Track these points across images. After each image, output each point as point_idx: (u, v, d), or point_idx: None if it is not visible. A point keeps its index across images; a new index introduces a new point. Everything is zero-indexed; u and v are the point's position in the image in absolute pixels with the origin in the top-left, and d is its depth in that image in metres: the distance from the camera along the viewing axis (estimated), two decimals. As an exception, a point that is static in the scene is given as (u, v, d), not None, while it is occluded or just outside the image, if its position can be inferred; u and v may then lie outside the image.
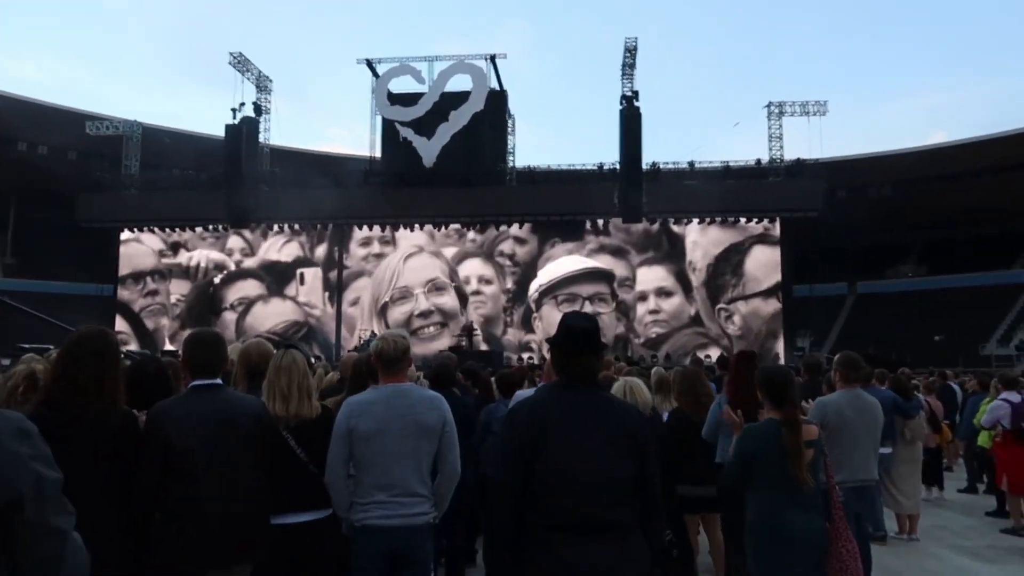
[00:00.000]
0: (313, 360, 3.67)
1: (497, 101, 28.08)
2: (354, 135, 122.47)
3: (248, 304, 29.03)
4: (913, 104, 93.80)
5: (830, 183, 27.77)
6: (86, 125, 30.71)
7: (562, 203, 26.80)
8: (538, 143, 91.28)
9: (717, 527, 5.12)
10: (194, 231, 29.42)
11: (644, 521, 2.52)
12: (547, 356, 4.83)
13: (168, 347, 25.33)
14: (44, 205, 32.84)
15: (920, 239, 38.59)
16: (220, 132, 29.05)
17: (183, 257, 29.62)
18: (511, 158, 29.02)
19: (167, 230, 29.42)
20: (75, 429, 2.46)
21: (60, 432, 2.25)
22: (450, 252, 28.44)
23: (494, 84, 28.18)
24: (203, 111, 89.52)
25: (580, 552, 2.38)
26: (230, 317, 28.80)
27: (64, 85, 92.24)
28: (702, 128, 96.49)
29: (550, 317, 26.53)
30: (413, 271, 28.28)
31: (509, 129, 29.16)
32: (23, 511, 1.28)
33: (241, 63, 28.76)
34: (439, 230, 28.32)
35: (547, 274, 27.74)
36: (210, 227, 29.19)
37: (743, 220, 27.03)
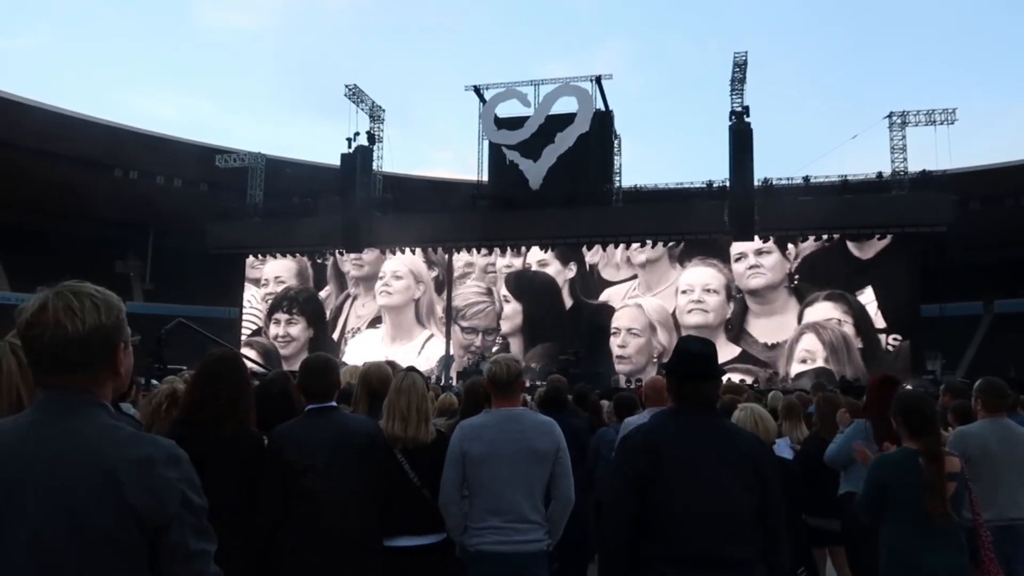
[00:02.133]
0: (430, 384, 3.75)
1: (603, 121, 28.02)
2: (462, 160, 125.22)
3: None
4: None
5: (961, 195, 26.02)
6: (216, 158, 32.86)
7: (671, 222, 26.33)
8: (645, 162, 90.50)
9: (845, 563, 4.83)
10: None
11: (768, 557, 2.40)
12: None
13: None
14: (178, 234, 35.29)
15: (1064, 253, 35.54)
16: (336, 161, 30.37)
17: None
18: (617, 178, 28.85)
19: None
20: (210, 449, 2.58)
21: (196, 452, 2.36)
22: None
23: (599, 105, 28.18)
24: (321, 141, 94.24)
25: None
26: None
27: (192, 120, 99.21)
28: (818, 142, 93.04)
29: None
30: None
31: (615, 149, 29.02)
32: (168, 534, 1.33)
33: (355, 94, 30.01)
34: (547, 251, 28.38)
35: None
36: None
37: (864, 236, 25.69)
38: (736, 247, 26.44)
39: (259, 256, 31.21)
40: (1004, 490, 4.14)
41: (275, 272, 31.31)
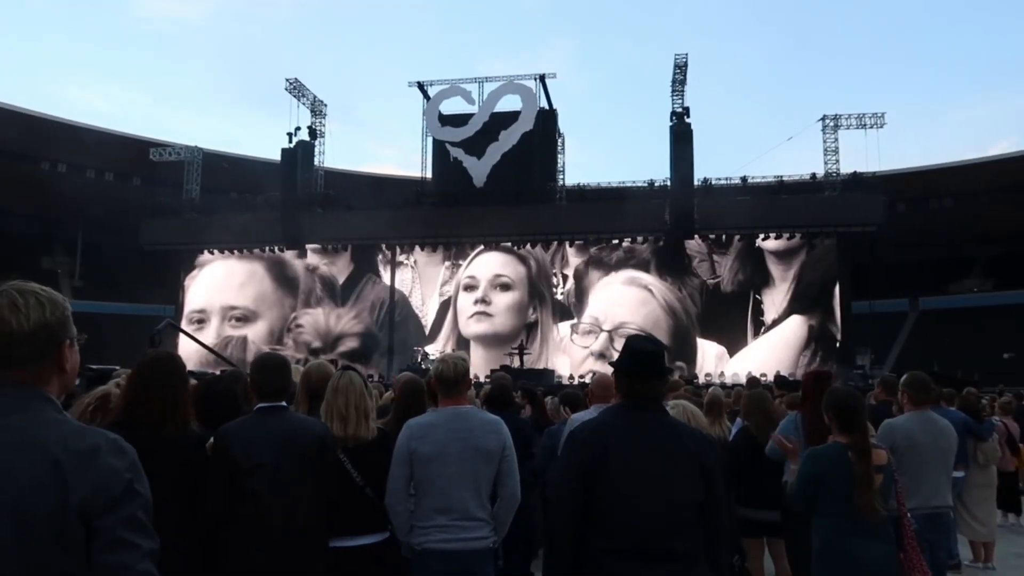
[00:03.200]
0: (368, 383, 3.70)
1: (547, 120, 28.21)
2: (406, 156, 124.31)
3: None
4: (976, 113, 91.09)
5: (889, 196, 27.05)
6: (150, 152, 31.84)
7: (612, 221, 26.66)
8: (588, 161, 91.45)
9: (783, 553, 4.97)
10: (252, 252, 30.18)
11: (709, 548, 2.46)
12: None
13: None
14: (110, 230, 34.11)
15: (985, 253, 37.25)
16: (276, 156, 29.80)
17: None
18: (561, 176, 29.07)
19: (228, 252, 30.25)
20: (148, 450, 2.51)
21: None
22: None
23: (543, 103, 28.34)
24: (260, 136, 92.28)
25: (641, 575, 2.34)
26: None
27: (127, 113, 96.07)
28: (755, 143, 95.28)
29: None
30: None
31: (559, 147, 29.23)
32: (102, 520, 1.32)
33: (297, 88, 29.51)
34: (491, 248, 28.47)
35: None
36: (266, 249, 29.89)
37: (798, 235, 26.53)
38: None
39: (208, 252, 30.39)
40: (929, 480, 4.33)
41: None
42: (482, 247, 28.32)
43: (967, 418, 6.73)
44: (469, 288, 28.21)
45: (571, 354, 27.26)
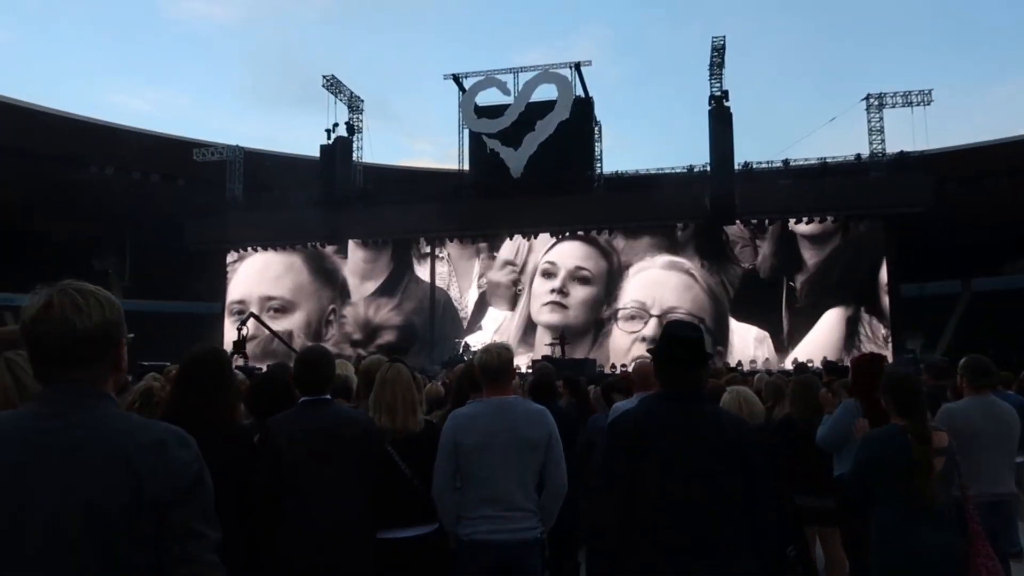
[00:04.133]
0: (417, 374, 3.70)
1: (583, 108, 27.99)
2: (442, 149, 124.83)
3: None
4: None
5: (938, 176, 26.27)
6: (193, 152, 32.45)
7: (652, 208, 26.38)
8: (626, 148, 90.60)
9: (836, 543, 4.86)
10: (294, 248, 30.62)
11: (755, 539, 2.40)
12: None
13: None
14: (157, 230, 34.84)
15: (1041, 231, 35.99)
16: (316, 153, 30.11)
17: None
18: (598, 164, 28.84)
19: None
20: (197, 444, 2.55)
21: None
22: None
23: (579, 91, 28.13)
24: (299, 133, 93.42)
25: (684, 567, 2.30)
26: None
27: (168, 115, 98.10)
28: (797, 125, 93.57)
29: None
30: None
31: (595, 136, 29.00)
32: (173, 511, 1.35)
33: (334, 85, 29.75)
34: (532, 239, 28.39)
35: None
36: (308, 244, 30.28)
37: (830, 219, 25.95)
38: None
39: (253, 250, 30.89)
40: (989, 467, 4.18)
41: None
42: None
43: (1027, 402, 6.49)
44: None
45: (615, 340, 27.07)
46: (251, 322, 20.56)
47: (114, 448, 1.35)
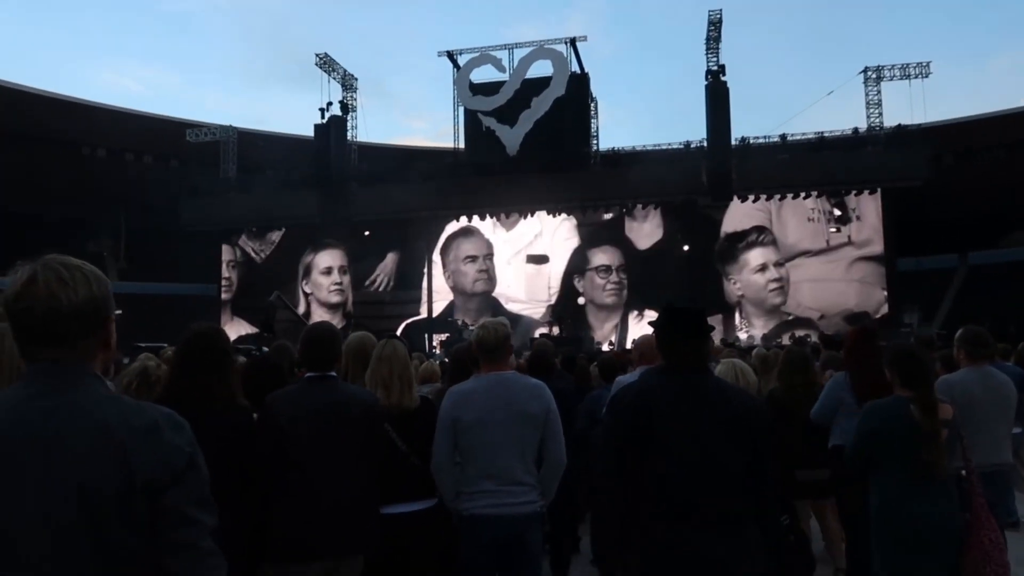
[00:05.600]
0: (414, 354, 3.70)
1: (579, 84, 27.78)
2: (437, 127, 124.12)
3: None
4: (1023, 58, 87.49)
5: (936, 149, 26.19)
6: (186, 133, 32.23)
7: (649, 184, 26.29)
8: (622, 124, 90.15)
9: (831, 514, 4.89)
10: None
11: (759, 510, 2.40)
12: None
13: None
14: (151, 211, 34.69)
15: (1038, 204, 35.93)
16: (310, 132, 29.92)
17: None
18: (595, 141, 28.69)
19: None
20: (196, 426, 2.52)
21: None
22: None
23: (575, 67, 27.92)
24: (293, 112, 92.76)
25: (691, 542, 2.31)
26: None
27: (161, 95, 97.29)
28: (794, 100, 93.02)
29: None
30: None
31: (592, 112, 28.82)
32: (167, 497, 1.31)
33: (327, 63, 29.49)
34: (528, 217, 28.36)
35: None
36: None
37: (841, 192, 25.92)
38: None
39: (248, 231, 30.75)
40: (988, 437, 4.19)
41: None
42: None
43: (1024, 373, 6.51)
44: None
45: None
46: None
47: (106, 432, 1.30)
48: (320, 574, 2.84)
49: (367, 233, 29.34)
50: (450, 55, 28.69)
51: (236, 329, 30.12)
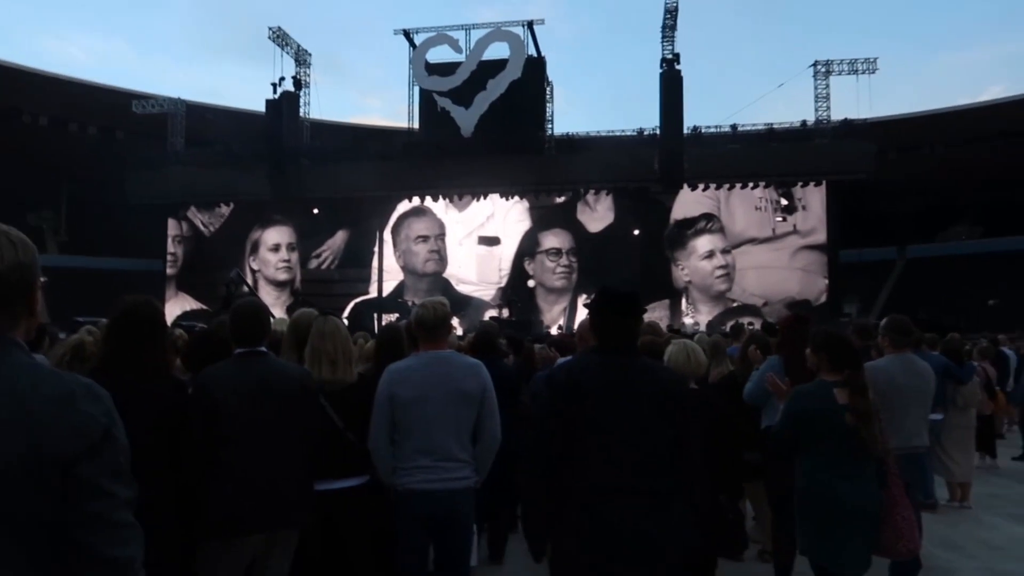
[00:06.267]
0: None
1: (535, 68, 27.75)
2: (392, 106, 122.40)
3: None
4: (967, 57, 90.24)
5: (880, 144, 26.91)
6: (132, 104, 31.25)
7: (602, 170, 26.46)
8: (578, 109, 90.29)
9: (761, 495, 5.06)
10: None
11: (686, 486, 2.49)
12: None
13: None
14: (94, 184, 33.64)
15: (975, 200, 37.26)
16: (261, 107, 29.31)
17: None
18: (550, 125, 28.73)
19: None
20: (127, 398, 2.49)
21: (115, 401, 2.30)
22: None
23: (532, 51, 27.86)
24: (244, 86, 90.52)
25: (619, 516, 2.38)
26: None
27: (107, 64, 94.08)
28: (746, 90, 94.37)
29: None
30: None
31: (547, 96, 28.83)
32: (80, 467, 1.27)
33: (280, 37, 28.88)
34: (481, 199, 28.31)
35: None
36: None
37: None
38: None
39: (195, 207, 30.05)
40: (908, 421, 4.40)
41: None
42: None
43: (948, 362, 6.82)
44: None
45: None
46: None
47: (15, 400, 1.26)
48: (256, 548, 2.86)
49: (316, 211, 28.92)
50: (406, 34, 28.37)
51: (181, 305, 29.55)
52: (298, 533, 2.96)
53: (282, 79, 29.00)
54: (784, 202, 26.34)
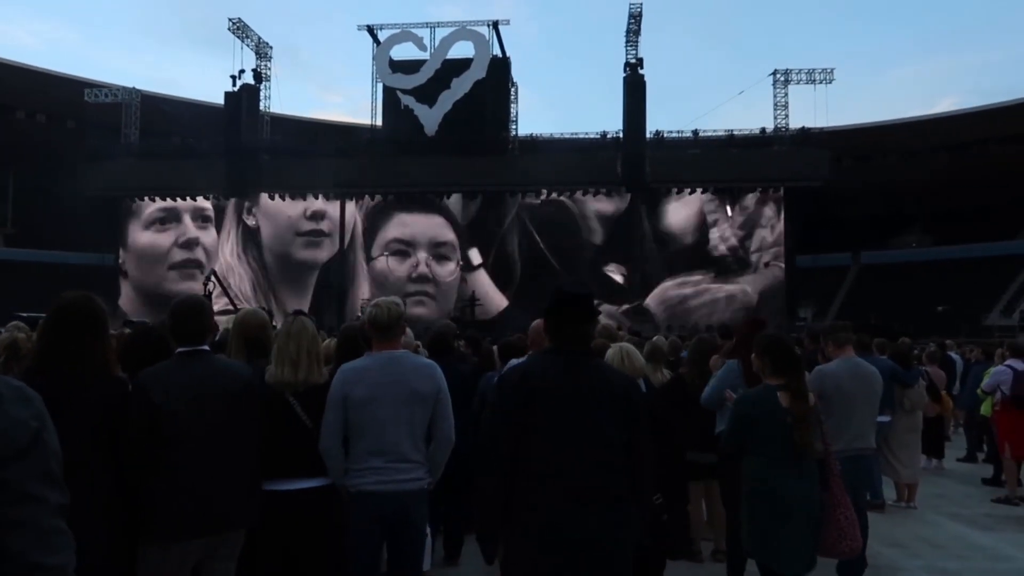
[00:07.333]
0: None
1: (499, 68, 27.78)
2: (355, 103, 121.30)
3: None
4: (921, 70, 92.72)
5: (835, 152, 27.53)
6: (85, 92, 30.45)
7: (565, 172, 26.57)
8: (541, 110, 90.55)
9: (715, 496, 5.12)
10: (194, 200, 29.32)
11: (634, 487, 2.50)
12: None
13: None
14: (44, 174, 32.72)
15: (925, 209, 38.33)
16: (220, 99, 28.81)
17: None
18: (513, 126, 28.78)
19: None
20: (64, 396, 2.41)
21: (51, 400, 2.21)
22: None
23: (497, 51, 27.87)
24: (202, 78, 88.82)
25: (569, 516, 2.37)
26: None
27: (59, 50, 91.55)
28: (707, 97, 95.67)
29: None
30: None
31: (512, 97, 28.86)
32: (7, 471, 1.23)
33: (240, 29, 28.43)
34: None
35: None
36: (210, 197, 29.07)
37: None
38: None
39: (150, 199, 29.38)
40: (854, 423, 4.48)
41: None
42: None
43: (895, 365, 6.97)
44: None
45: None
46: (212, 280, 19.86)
47: None
48: (200, 551, 2.79)
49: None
50: (370, 30, 28.15)
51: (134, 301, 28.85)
52: (243, 533, 2.89)
53: (242, 72, 28.62)
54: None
